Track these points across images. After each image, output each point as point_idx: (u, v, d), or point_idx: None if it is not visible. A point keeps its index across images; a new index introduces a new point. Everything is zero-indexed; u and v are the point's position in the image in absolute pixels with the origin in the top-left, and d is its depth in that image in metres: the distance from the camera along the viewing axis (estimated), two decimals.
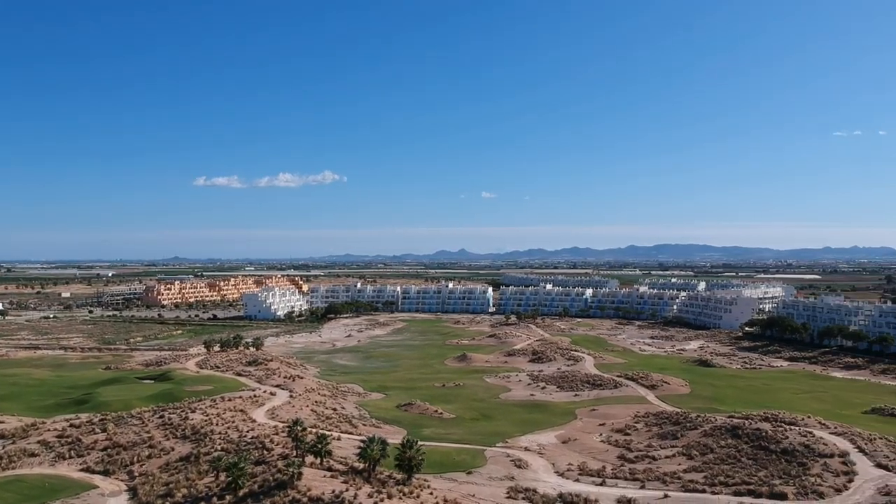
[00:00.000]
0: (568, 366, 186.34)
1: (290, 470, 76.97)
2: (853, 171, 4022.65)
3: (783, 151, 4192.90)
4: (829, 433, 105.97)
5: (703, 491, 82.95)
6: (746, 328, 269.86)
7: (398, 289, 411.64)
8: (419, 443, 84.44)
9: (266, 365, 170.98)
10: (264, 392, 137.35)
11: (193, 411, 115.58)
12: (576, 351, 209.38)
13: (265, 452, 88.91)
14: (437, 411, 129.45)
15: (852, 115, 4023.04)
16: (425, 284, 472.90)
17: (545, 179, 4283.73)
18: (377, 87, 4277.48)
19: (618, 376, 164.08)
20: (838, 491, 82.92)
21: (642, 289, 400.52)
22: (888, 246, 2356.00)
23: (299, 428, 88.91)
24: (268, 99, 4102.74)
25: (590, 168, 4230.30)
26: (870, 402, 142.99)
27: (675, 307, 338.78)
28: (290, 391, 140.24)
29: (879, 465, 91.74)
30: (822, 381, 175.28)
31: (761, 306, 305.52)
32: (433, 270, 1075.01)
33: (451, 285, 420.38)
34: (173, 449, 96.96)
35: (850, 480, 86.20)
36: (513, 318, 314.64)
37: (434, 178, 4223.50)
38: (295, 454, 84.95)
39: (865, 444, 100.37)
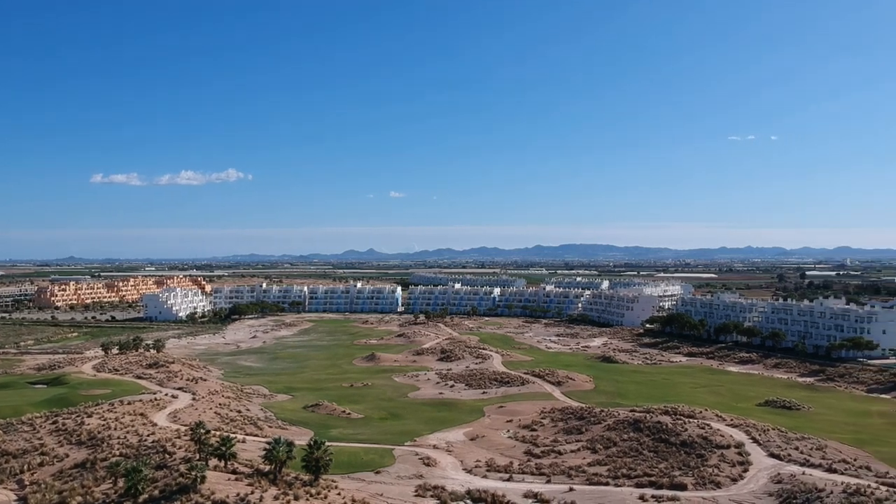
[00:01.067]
0: (476, 364, 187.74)
1: (193, 474, 74.57)
2: (747, 175, 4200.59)
3: (682, 154, 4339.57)
4: (726, 425, 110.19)
5: (607, 483, 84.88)
6: (647, 325, 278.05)
7: (305, 289, 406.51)
8: (326, 443, 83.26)
9: (167, 367, 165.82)
10: (166, 395, 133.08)
11: (90, 416, 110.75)
12: (484, 349, 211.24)
13: (167, 456, 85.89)
14: (345, 411, 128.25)
15: (747, 121, 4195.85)
16: (333, 284, 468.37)
17: (454, 179, 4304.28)
18: (283, 86, 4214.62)
19: (525, 373, 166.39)
20: (734, 480, 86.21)
21: (549, 288, 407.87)
22: (780, 246, 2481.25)
23: (202, 430, 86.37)
24: (168, 96, 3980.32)
25: (498, 169, 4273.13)
26: (763, 394, 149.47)
27: (579, 305, 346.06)
28: (193, 394, 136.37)
29: (772, 455, 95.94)
30: (718, 375, 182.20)
31: (661, 304, 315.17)
32: (341, 270, 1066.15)
33: (359, 285, 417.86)
34: (67, 455, 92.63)
35: (746, 470, 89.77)
36: (422, 317, 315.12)
37: (342, 178, 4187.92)
38: (198, 457, 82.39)
39: (759, 434, 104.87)
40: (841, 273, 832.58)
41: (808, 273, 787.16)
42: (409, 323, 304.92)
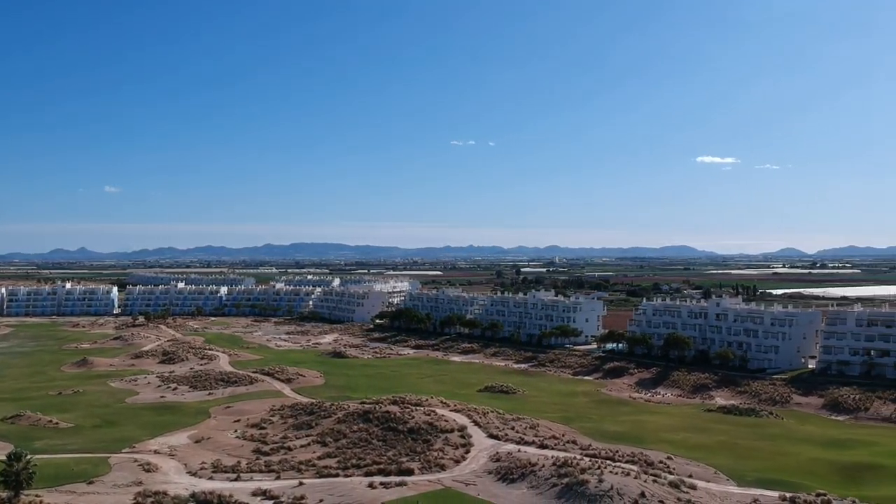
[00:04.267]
0: (201, 365, 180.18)
1: None
2: (468, 178, 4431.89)
3: (409, 157, 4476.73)
4: (450, 411, 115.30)
5: (337, 475, 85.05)
6: (377, 321, 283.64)
7: (3, 291, 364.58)
8: (28, 455, 75.07)
9: None
10: None
11: None
12: (210, 350, 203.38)
13: None
14: (51, 421, 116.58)
15: (467, 127, 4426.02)
16: (38, 285, 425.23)
17: (174, 173, 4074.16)
18: None
19: (253, 372, 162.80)
20: (457, 462, 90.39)
21: (279, 286, 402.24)
22: (498, 245, 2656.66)
23: None
24: None
25: (222, 165, 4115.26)
26: (483, 381, 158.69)
27: (310, 303, 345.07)
28: None
29: (491, 436, 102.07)
30: (443, 365, 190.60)
31: (391, 300, 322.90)
32: (47, 271, 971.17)
33: (68, 286, 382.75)
34: None
35: (468, 451, 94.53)
36: (141, 318, 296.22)
37: (50, 171, 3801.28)
38: None
39: (480, 417, 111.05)
40: (551, 269, 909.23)
41: (522, 270, 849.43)
42: (126, 325, 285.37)
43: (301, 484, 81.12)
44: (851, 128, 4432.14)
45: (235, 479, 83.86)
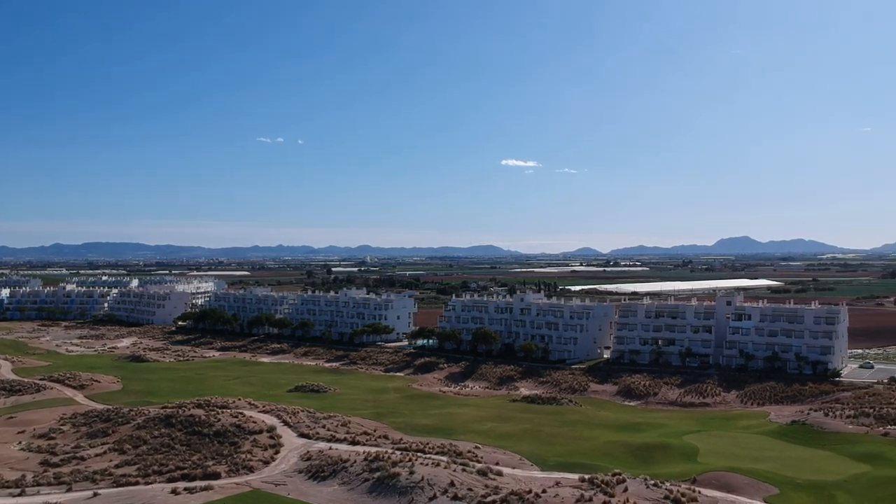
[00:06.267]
0: None
1: None
2: (278, 175, 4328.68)
3: (212, 153, 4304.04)
4: (259, 412, 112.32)
5: (137, 483, 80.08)
6: (180, 322, 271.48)
7: None
8: None
9: None
10: None
11: None
12: None
13: None
14: None
15: (275, 123, 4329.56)
16: None
17: None
18: None
19: (41, 379, 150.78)
20: (266, 463, 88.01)
21: (70, 287, 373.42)
22: (309, 245, 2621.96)
23: None
24: None
25: (8, 156, 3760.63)
26: (293, 381, 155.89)
27: (106, 305, 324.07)
28: None
29: (302, 435, 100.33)
30: (251, 366, 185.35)
31: (195, 301, 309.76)
32: None
33: None
34: None
35: (277, 451, 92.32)
36: None
37: None
38: None
39: (290, 417, 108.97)
40: (363, 269, 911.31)
41: (333, 269, 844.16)
42: None
43: (96, 495, 75.53)
44: (640, 135, 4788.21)
45: (20, 495, 76.62)
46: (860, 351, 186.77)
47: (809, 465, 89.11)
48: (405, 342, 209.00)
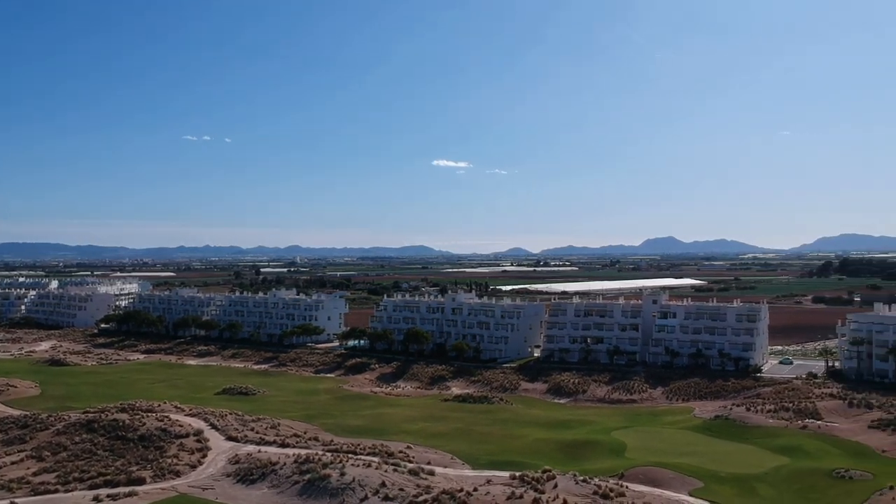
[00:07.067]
0: None
1: None
2: (204, 174, 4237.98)
3: (134, 150, 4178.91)
4: (185, 415, 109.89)
5: (56, 490, 77.48)
6: (103, 325, 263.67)
7: None
8: None
9: None
10: None
11: None
12: None
13: None
14: None
15: (201, 122, 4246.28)
16: None
17: None
18: None
19: None
20: (194, 467, 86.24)
21: None
22: (237, 245, 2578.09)
23: None
24: None
25: None
26: (221, 383, 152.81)
27: (23, 307, 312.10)
28: None
29: (230, 438, 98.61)
30: (177, 369, 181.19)
31: (118, 303, 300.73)
32: None
33: None
34: None
35: (205, 455, 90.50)
36: None
37: None
38: None
39: (218, 420, 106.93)
40: (292, 269, 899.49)
41: (262, 270, 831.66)
42: None
43: None
44: (568, 137, 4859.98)
45: None
46: (780, 347, 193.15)
47: (732, 458, 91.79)
48: (336, 343, 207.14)
